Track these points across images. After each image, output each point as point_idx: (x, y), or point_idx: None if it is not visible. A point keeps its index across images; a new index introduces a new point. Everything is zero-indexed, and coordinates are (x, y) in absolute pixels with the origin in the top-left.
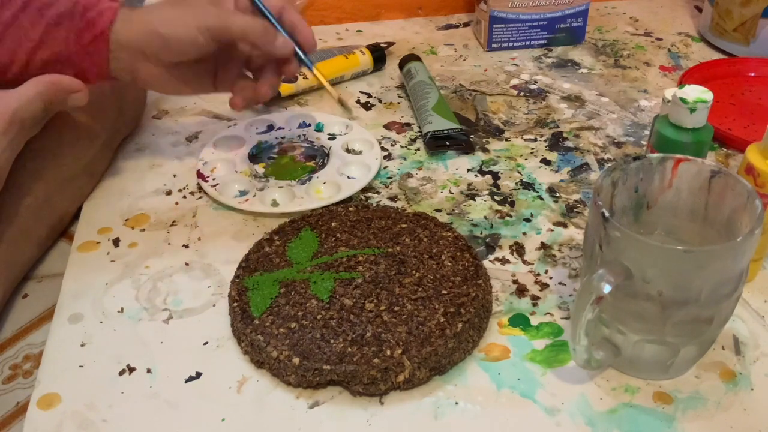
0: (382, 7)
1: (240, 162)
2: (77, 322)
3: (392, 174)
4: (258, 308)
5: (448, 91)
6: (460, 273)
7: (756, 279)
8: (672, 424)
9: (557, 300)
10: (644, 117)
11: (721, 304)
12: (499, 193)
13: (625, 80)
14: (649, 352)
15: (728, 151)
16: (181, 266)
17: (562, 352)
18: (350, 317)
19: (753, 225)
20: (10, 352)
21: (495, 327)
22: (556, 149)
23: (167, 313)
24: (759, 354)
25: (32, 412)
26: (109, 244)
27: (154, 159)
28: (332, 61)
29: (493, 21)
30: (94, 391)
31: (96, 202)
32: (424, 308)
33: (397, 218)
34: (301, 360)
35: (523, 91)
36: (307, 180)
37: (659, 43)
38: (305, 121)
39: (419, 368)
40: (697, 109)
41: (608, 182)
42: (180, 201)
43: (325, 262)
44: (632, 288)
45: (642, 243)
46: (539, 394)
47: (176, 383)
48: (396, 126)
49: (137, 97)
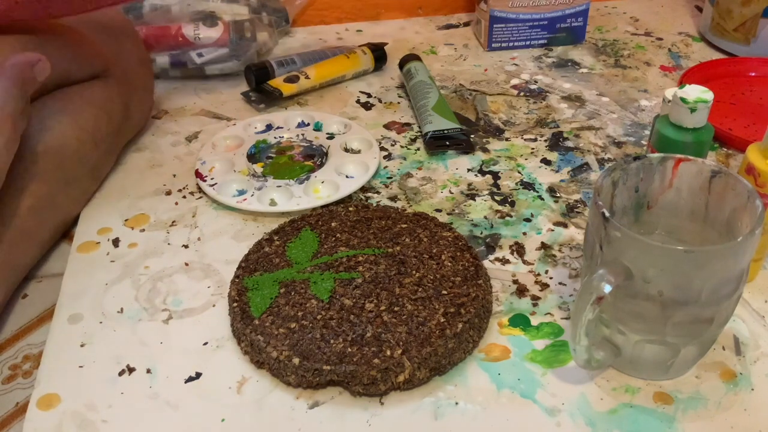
0: (382, 7)
1: (238, 161)
2: (77, 323)
3: (392, 174)
4: (258, 308)
5: (448, 90)
6: (460, 273)
7: (756, 279)
8: (672, 425)
9: (557, 300)
10: (644, 117)
11: (721, 305)
12: (499, 193)
13: (626, 80)
14: (650, 353)
15: (729, 151)
16: (181, 266)
17: (563, 353)
18: (350, 317)
19: (753, 225)
20: (10, 352)
21: (495, 327)
22: (556, 149)
23: (167, 313)
24: (759, 354)
25: (32, 412)
26: (108, 244)
27: (153, 159)
28: (333, 60)
29: (494, 21)
30: (93, 391)
31: (96, 203)
32: (424, 308)
33: (397, 218)
34: (301, 360)
35: (524, 90)
36: (306, 179)
37: (660, 43)
38: (304, 121)
39: (419, 368)
40: (698, 109)
41: (608, 182)
42: (180, 201)
43: (325, 262)
44: (632, 288)
45: (642, 243)
46: (539, 395)
47: (176, 383)
48: (396, 126)
49: (143, 101)
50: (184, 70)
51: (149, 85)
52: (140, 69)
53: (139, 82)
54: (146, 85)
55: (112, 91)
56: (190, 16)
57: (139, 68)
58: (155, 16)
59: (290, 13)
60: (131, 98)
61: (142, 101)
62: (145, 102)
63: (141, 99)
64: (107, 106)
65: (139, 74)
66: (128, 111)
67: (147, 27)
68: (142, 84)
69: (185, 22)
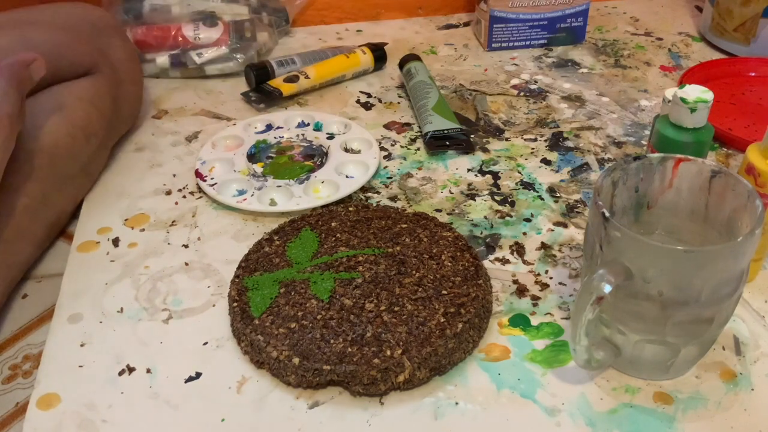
0: (382, 7)
1: (238, 161)
2: (77, 322)
3: (392, 174)
4: (258, 308)
5: (448, 90)
6: (460, 273)
7: (756, 279)
8: (672, 425)
9: (557, 300)
10: (644, 117)
11: (721, 305)
12: (499, 193)
13: (626, 80)
14: (650, 353)
15: (729, 151)
16: (181, 266)
17: (563, 353)
18: (350, 317)
19: (753, 225)
20: (10, 352)
21: (495, 327)
22: (556, 149)
23: (167, 313)
24: (759, 354)
25: (32, 412)
26: (108, 244)
27: (153, 159)
28: (333, 60)
29: (494, 21)
30: (93, 391)
31: (95, 202)
32: (424, 308)
33: (397, 218)
34: (301, 360)
35: (524, 90)
36: (306, 179)
37: (660, 43)
38: (304, 121)
39: (419, 368)
40: (698, 109)
41: (608, 182)
42: (180, 201)
43: (325, 262)
44: (632, 288)
45: (642, 243)
46: (539, 395)
47: (176, 383)
48: (396, 126)
49: (133, 94)
50: (184, 70)
51: (138, 79)
52: (128, 64)
53: (127, 77)
54: (135, 79)
55: (101, 87)
56: (190, 16)
57: (127, 63)
58: (155, 16)
59: (290, 13)
60: (120, 93)
61: (131, 95)
62: (135, 96)
63: (130, 93)
64: (97, 101)
65: (127, 69)
66: (118, 106)
67: (147, 27)
68: (130, 78)
69: (185, 22)
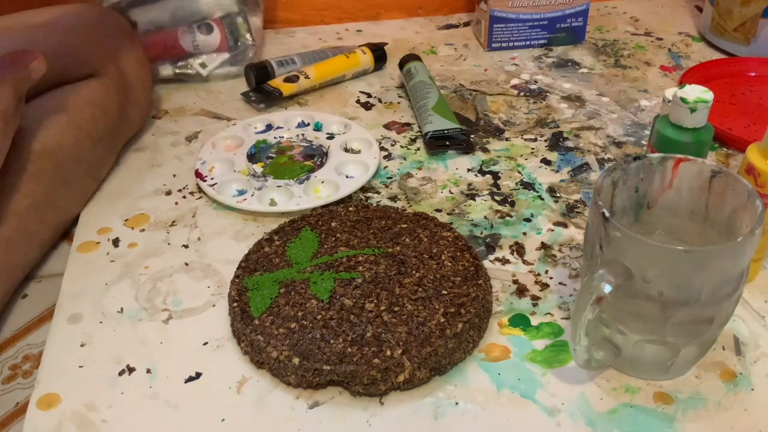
0: (382, 7)
1: (238, 161)
2: (77, 323)
3: (392, 174)
4: (258, 308)
5: (448, 90)
6: (460, 273)
7: (756, 279)
8: (672, 425)
9: (557, 300)
10: (644, 117)
11: (721, 305)
12: (499, 193)
13: (626, 80)
14: (650, 353)
15: (729, 151)
16: (181, 266)
17: (563, 353)
18: (350, 317)
19: (753, 225)
20: (10, 352)
21: (495, 327)
22: (556, 149)
23: (167, 313)
24: (759, 354)
25: (32, 412)
26: (108, 244)
27: (153, 159)
28: (333, 60)
29: (494, 21)
30: (93, 391)
31: (95, 202)
32: (424, 308)
33: (397, 218)
34: (301, 360)
35: (524, 90)
36: (306, 179)
37: (659, 43)
38: (304, 121)
39: (419, 368)
40: (698, 109)
41: (608, 182)
42: (180, 201)
43: (325, 262)
44: (632, 288)
45: (642, 243)
46: (539, 395)
47: (176, 383)
48: (396, 126)
49: (141, 99)
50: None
51: (147, 85)
52: (138, 69)
53: (136, 82)
54: (144, 84)
55: (109, 90)
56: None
57: (137, 68)
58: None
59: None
60: (128, 97)
61: (140, 100)
62: (144, 101)
63: (139, 97)
64: (104, 104)
65: (138, 74)
66: (126, 110)
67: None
68: (140, 83)
69: (181, 32)
